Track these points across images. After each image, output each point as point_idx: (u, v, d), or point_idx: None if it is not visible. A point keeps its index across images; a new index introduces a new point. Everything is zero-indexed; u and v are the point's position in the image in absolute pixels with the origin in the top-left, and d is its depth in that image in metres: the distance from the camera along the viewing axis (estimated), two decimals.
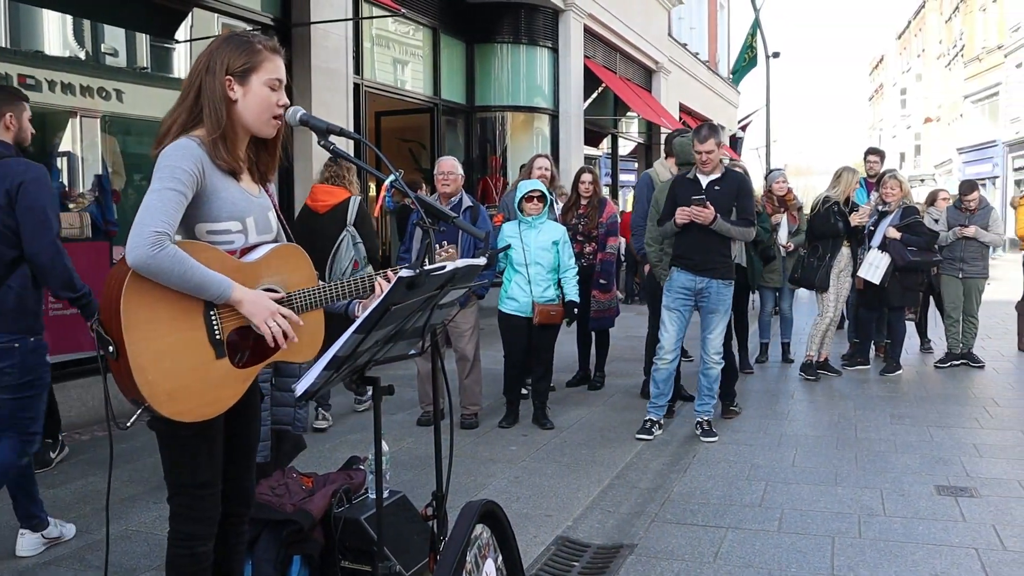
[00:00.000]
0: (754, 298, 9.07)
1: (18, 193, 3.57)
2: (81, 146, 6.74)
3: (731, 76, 25.51)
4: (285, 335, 2.35)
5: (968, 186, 8.78)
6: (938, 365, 8.53)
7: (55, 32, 6.67)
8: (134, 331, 2.16)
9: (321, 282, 2.56)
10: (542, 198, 6.04)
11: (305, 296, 2.48)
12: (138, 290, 2.18)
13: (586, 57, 14.26)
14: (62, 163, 6.67)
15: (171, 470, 2.42)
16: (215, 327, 2.29)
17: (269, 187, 2.64)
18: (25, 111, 3.88)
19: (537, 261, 6.02)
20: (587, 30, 14.29)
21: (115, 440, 3.83)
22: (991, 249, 8.70)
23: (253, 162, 2.54)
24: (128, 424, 2.27)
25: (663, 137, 10.29)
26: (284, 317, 2.36)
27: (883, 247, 7.90)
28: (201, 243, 2.33)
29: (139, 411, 2.24)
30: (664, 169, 7.13)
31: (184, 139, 2.33)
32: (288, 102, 2.47)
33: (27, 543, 3.82)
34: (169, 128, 2.38)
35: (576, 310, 6.17)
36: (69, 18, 6.64)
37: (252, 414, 2.61)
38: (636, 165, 19.82)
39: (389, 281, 2.53)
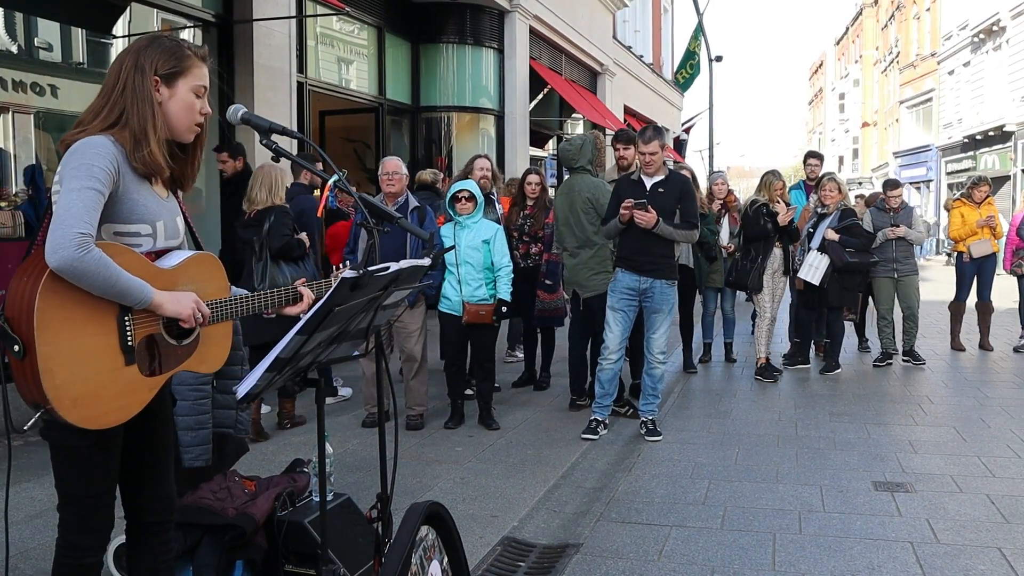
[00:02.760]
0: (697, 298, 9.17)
1: None
2: (13, 143, 6.56)
3: (678, 84, 25.74)
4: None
5: (892, 183, 9.02)
6: (876, 364, 8.73)
7: None
8: (46, 332, 2.07)
9: (238, 292, 2.54)
10: (471, 198, 6.03)
11: (221, 306, 2.43)
12: (55, 290, 2.09)
13: (531, 58, 14.31)
14: None
15: (63, 481, 2.33)
16: (128, 333, 2.23)
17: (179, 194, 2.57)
18: None
19: (467, 260, 6.01)
20: (533, 32, 14.34)
21: (18, 454, 3.66)
22: (916, 248, 8.96)
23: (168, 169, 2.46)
24: (26, 428, 2.15)
25: (609, 140, 10.38)
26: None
27: (822, 249, 8.07)
28: (120, 246, 2.25)
29: (38, 415, 2.13)
30: (613, 173, 7.20)
31: (99, 136, 2.24)
32: (210, 111, 2.44)
33: None
34: (90, 123, 2.29)
35: (505, 308, 6.11)
36: (0, 11, 6.45)
37: (164, 419, 2.53)
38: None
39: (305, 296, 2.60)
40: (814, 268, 8.05)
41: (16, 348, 2.06)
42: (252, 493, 3.23)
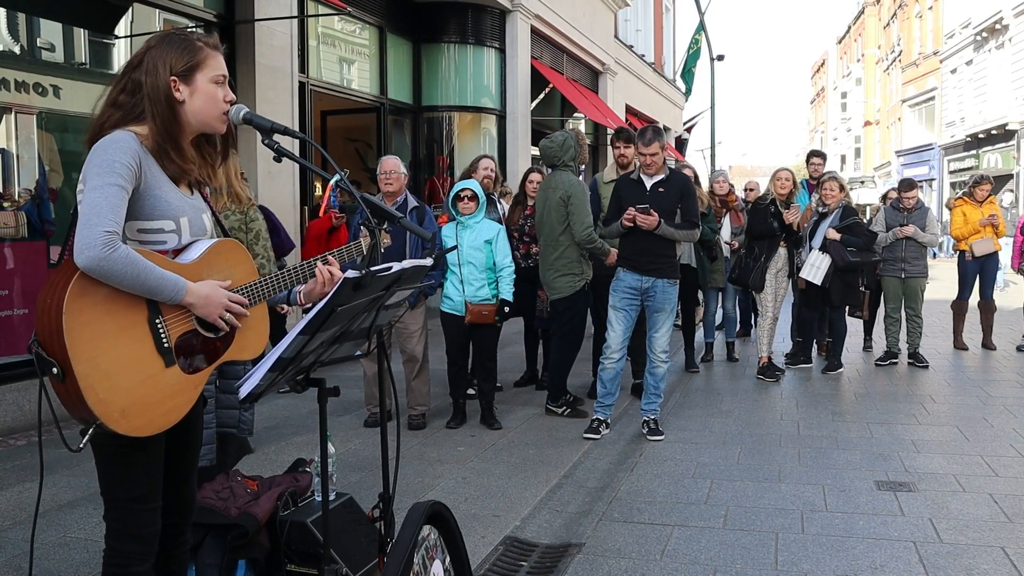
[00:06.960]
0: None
1: None
2: (16, 143, 6.56)
3: (681, 79, 25.70)
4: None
5: (907, 184, 8.98)
6: (878, 363, 8.72)
7: None
8: (79, 350, 2.04)
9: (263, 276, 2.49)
10: (473, 197, 6.03)
11: (250, 291, 2.40)
12: (78, 308, 2.06)
13: (533, 58, 14.30)
14: None
15: (105, 483, 2.29)
16: (162, 335, 2.19)
17: (205, 190, 2.54)
18: None
19: (469, 260, 6.01)
20: (534, 31, 14.33)
21: (53, 445, 3.74)
22: (928, 250, 8.92)
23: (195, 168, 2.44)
24: (81, 445, 2.14)
25: (609, 138, 10.41)
26: (234, 303, 2.32)
27: (824, 248, 8.06)
28: (141, 251, 2.20)
29: (91, 430, 2.10)
30: (612, 171, 7.20)
31: (119, 132, 2.22)
32: (234, 97, 2.41)
33: None
34: (101, 128, 2.26)
35: (507, 309, 6.10)
36: (3, 11, 6.45)
37: (195, 423, 2.50)
38: (583, 166, 19.90)
39: (327, 264, 2.53)
40: (816, 268, 8.04)
41: (55, 371, 2.04)
42: (254, 493, 3.23)
